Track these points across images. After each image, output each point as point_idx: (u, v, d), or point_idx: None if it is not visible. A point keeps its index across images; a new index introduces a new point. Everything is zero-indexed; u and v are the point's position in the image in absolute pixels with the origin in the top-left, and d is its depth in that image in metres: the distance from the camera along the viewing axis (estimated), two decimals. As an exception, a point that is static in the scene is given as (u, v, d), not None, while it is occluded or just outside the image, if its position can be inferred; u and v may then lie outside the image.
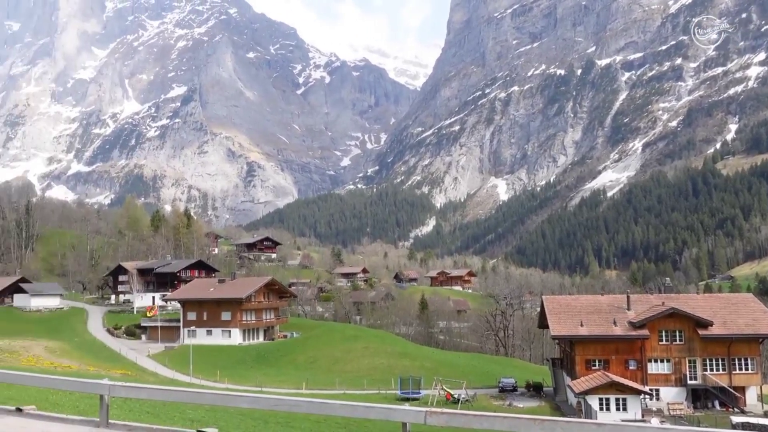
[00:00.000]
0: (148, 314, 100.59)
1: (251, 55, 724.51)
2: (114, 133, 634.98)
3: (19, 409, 10.93)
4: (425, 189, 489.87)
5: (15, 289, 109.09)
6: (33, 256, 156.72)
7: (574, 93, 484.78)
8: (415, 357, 78.36)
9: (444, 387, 54.55)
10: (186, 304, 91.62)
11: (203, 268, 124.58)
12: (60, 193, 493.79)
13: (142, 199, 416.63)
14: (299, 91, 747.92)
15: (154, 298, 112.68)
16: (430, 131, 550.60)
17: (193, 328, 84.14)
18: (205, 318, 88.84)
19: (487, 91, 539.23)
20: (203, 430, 10.66)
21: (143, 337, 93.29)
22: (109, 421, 10.10)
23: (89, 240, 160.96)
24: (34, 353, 72.88)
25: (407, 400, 52.44)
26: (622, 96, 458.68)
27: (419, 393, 54.77)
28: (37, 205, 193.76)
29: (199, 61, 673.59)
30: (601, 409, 46.27)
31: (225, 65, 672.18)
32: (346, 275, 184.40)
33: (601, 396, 46.89)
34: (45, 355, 72.52)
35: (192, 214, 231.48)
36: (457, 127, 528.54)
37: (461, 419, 8.24)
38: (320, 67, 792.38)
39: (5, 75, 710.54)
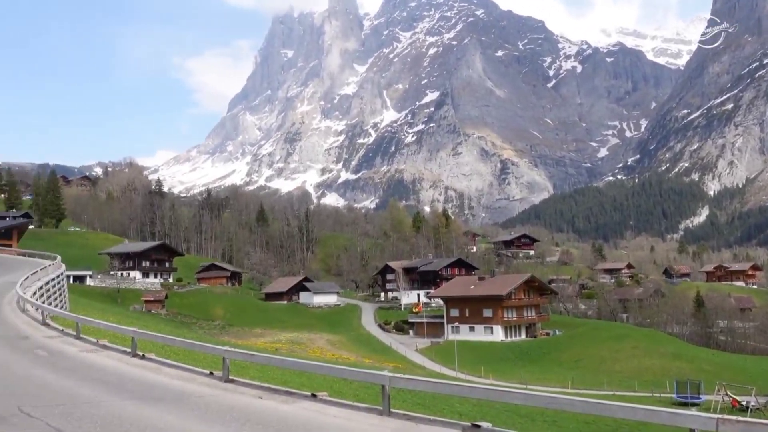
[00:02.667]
0: (414, 311, 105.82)
1: (500, 53, 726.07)
2: (376, 142, 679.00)
3: (313, 395, 12.20)
4: (695, 176, 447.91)
5: (300, 287, 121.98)
6: (313, 257, 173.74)
7: None
8: (691, 359, 72.10)
9: (729, 393, 49.37)
10: (449, 301, 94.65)
11: (463, 266, 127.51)
12: (332, 200, 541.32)
13: (404, 201, 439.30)
14: (550, 84, 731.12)
15: (418, 295, 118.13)
16: (698, 112, 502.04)
17: (456, 324, 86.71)
18: (467, 315, 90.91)
19: (766, 61, 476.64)
20: (477, 423, 10.94)
21: (410, 332, 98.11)
22: (391, 410, 10.82)
23: (359, 242, 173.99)
24: (318, 345, 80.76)
25: (685, 404, 48.57)
26: None
27: (699, 398, 50.24)
28: (314, 212, 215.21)
29: (450, 66, 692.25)
30: None
31: (474, 66, 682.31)
32: (608, 271, 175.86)
33: None
34: (327, 347, 79.93)
35: (450, 214, 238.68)
36: (730, 106, 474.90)
37: (760, 430, 7.32)
38: (571, 57, 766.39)
39: (283, 98, 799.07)
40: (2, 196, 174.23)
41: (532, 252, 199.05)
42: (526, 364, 75.50)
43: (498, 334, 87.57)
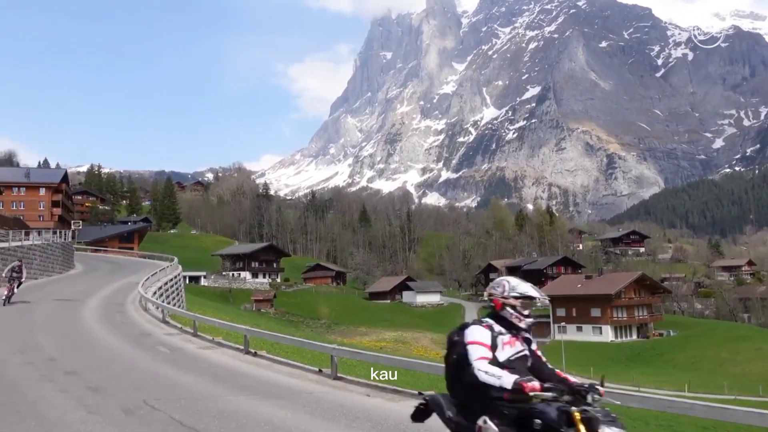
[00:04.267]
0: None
1: (604, 44, 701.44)
2: (476, 140, 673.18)
3: (420, 393, 12.23)
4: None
5: (403, 286, 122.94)
6: (415, 257, 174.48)
7: None
8: (827, 363, 66.86)
9: None
10: (554, 300, 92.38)
11: (569, 264, 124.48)
12: (433, 199, 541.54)
13: (505, 199, 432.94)
14: (658, 74, 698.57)
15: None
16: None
17: (563, 324, 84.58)
18: (574, 314, 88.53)
19: None
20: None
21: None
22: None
23: (461, 241, 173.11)
24: (422, 344, 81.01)
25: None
26: None
27: (834, 405, 46.49)
28: (415, 211, 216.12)
29: (551, 60, 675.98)
30: None
31: (577, 59, 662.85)
32: (727, 269, 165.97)
33: None
34: (431, 346, 79.99)
35: (554, 211, 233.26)
36: None
37: None
38: (681, 44, 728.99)
39: (383, 99, 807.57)
40: (124, 202, 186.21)
41: (642, 249, 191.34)
42: (637, 365, 72.53)
43: (607, 335, 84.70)
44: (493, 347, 5.19)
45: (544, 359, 5.41)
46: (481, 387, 4.90)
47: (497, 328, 5.38)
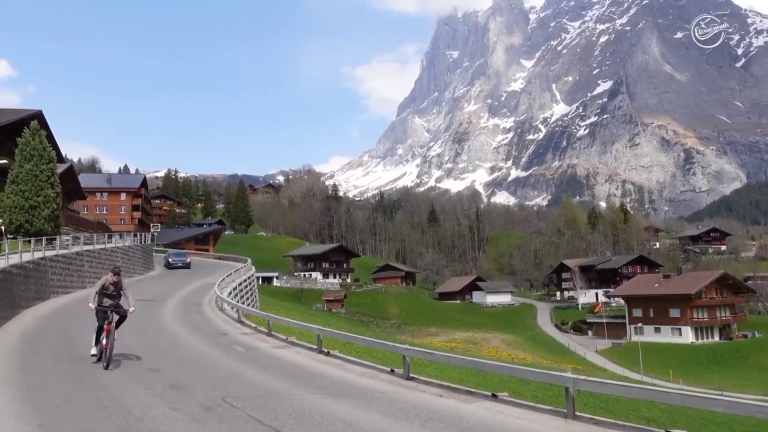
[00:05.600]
0: (594, 311, 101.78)
1: (679, 35, 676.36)
2: (546, 137, 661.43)
3: (494, 395, 12.09)
4: None
5: (472, 286, 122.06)
6: (484, 257, 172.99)
7: None
8: None
9: None
10: (630, 300, 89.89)
11: (645, 263, 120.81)
12: (502, 198, 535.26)
13: (577, 197, 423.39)
14: (739, 64, 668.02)
15: (597, 294, 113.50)
16: None
17: (639, 324, 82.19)
18: (651, 315, 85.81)
19: None
20: (671, 430, 10.26)
21: (589, 333, 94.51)
22: (576, 412, 10.45)
23: (532, 240, 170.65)
24: (493, 345, 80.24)
25: None
26: None
27: None
28: (484, 211, 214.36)
29: (623, 53, 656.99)
30: None
31: (650, 51, 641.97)
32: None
33: None
34: (502, 346, 79.16)
35: (628, 208, 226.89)
36: None
37: None
38: (763, 32, 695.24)
39: (450, 99, 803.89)
40: (199, 205, 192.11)
41: (723, 247, 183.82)
42: (720, 368, 69.57)
43: (687, 336, 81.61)
44: None
45: None
46: None
47: None
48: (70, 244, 37.51)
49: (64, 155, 58.13)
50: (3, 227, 28.19)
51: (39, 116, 45.87)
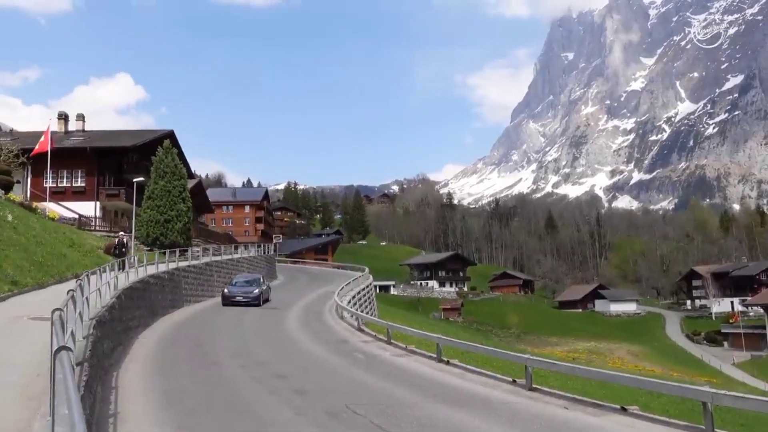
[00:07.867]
0: (730, 321, 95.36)
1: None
2: (670, 138, 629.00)
3: (623, 408, 11.55)
4: None
5: (594, 295, 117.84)
6: (607, 263, 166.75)
7: None
8: None
9: None
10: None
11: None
12: (624, 202, 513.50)
13: (707, 200, 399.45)
14: None
15: (732, 303, 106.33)
16: None
17: (781, 336, 76.04)
18: (795, 325, 79.28)
19: None
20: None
21: (725, 344, 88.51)
22: (715, 429, 9.77)
23: (658, 246, 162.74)
24: (618, 356, 76.92)
25: None
26: None
27: None
28: (605, 216, 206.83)
29: (755, 44, 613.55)
30: None
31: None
32: None
33: None
34: (628, 357, 75.74)
35: (765, 211, 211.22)
36: None
37: None
38: None
39: (566, 102, 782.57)
40: (318, 216, 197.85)
41: None
42: None
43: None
44: None
45: None
46: None
47: None
48: (201, 255, 39.70)
49: (193, 171, 61.68)
50: (125, 238, 30.31)
51: (171, 135, 49.23)
